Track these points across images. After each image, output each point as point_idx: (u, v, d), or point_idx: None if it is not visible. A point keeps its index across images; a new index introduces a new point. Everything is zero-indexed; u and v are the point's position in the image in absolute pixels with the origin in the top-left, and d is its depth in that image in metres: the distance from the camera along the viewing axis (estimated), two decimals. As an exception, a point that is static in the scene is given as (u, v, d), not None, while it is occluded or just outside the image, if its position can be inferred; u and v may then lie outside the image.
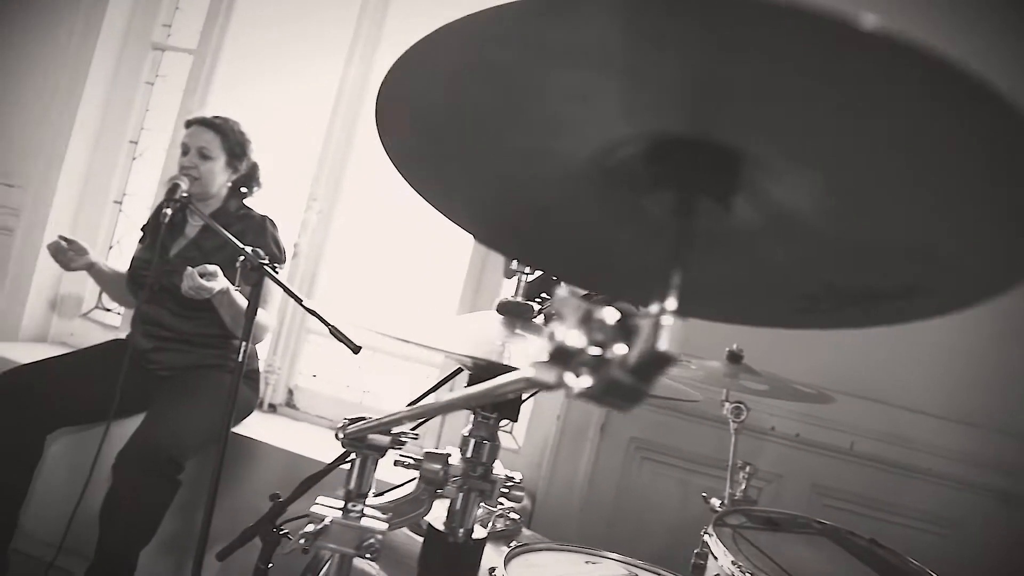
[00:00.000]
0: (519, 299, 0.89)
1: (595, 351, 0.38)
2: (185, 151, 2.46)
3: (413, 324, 0.97)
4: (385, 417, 0.75)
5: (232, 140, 2.49)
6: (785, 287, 0.51)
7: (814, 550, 1.75)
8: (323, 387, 3.08)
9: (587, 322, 0.38)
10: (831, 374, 2.43)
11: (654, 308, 0.37)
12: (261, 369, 2.76)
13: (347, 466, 1.84)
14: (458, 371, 1.74)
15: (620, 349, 0.38)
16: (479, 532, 0.86)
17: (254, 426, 2.65)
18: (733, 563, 1.53)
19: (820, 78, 0.34)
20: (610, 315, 0.38)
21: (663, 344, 0.36)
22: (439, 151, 0.45)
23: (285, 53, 3.34)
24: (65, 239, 2.40)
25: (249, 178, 2.60)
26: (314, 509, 0.80)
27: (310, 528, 0.77)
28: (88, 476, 2.21)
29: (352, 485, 0.82)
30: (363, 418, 0.82)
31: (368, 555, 0.79)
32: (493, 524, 1.65)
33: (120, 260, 3.40)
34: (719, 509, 1.93)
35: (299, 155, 3.15)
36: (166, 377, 2.41)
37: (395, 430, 0.80)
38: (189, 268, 2.13)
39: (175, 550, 2.52)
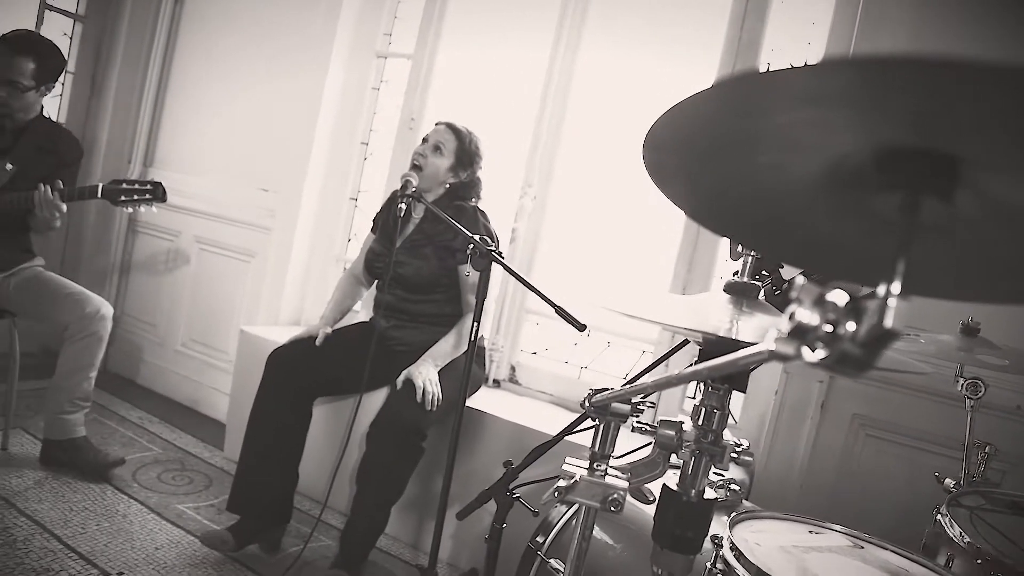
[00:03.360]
0: (745, 279, 0.95)
1: (828, 328, 0.46)
2: (423, 141, 2.71)
3: (640, 302, 1.07)
4: (628, 387, 0.85)
5: (465, 146, 2.69)
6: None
7: (1068, 538, 1.63)
8: (543, 364, 3.27)
9: (821, 303, 0.46)
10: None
11: (881, 290, 0.44)
12: (486, 348, 2.98)
13: (572, 436, 1.99)
14: (682, 344, 1.80)
15: (850, 326, 0.45)
16: (709, 493, 0.94)
17: (483, 400, 2.88)
18: (969, 544, 1.48)
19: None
20: (841, 297, 0.46)
21: (889, 321, 0.43)
22: (696, 169, 0.54)
23: (493, 50, 3.54)
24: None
25: (468, 188, 2.75)
26: (565, 468, 0.93)
27: (562, 483, 0.89)
28: (345, 442, 2.53)
29: (597, 448, 0.94)
30: (607, 389, 0.93)
31: (612, 508, 0.90)
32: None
33: (356, 251, 3.81)
34: (953, 490, 1.86)
35: (512, 144, 3.33)
36: (405, 352, 2.67)
37: (635, 399, 0.91)
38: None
39: (417, 509, 2.82)
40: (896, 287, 0.44)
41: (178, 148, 4.27)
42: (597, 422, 0.94)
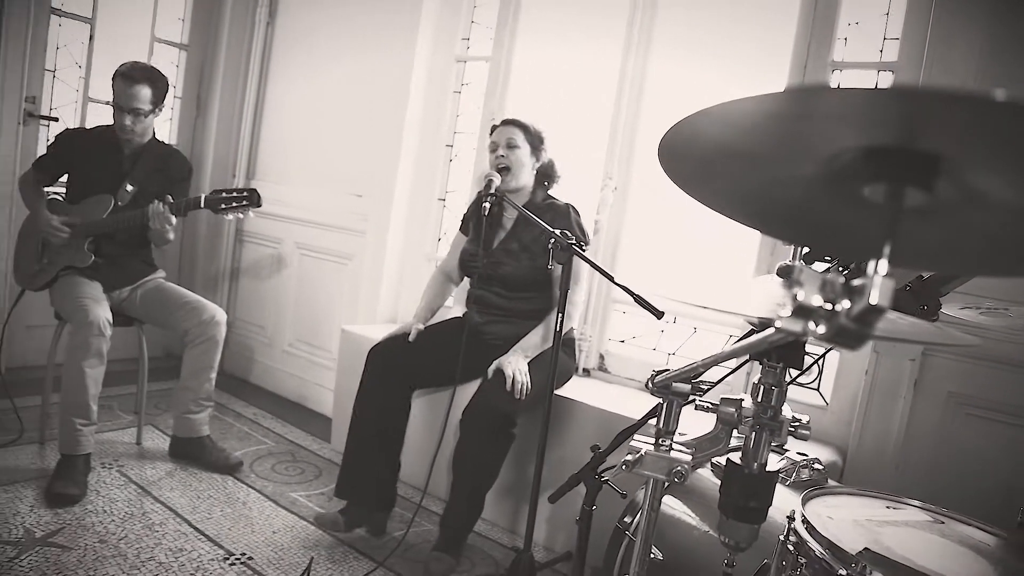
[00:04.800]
0: (796, 263, 1.00)
1: (827, 306, 0.53)
2: (494, 148, 2.81)
3: (706, 289, 1.13)
4: (683, 368, 0.92)
5: (532, 133, 2.81)
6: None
7: None
8: (631, 351, 3.32)
9: (821, 285, 0.53)
10: None
11: (869, 270, 0.51)
12: (575, 338, 3.07)
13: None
14: (752, 331, 1.84)
15: (845, 304, 0.52)
16: (772, 465, 1.00)
17: (572, 388, 2.96)
18: (1065, 519, 1.46)
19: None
20: (837, 279, 0.52)
21: (875, 298, 0.50)
22: (707, 173, 0.61)
23: (567, 49, 3.59)
24: None
25: (549, 169, 2.89)
26: (632, 443, 1.01)
27: (630, 457, 0.97)
28: (442, 432, 2.67)
29: (661, 424, 1.01)
30: (667, 370, 1.00)
31: (676, 479, 0.97)
32: (798, 474, 1.75)
33: (446, 249, 3.95)
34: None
35: (591, 138, 3.39)
36: (498, 346, 2.79)
37: (695, 379, 0.98)
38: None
39: (512, 494, 2.93)
40: (883, 266, 0.51)
41: (277, 160, 4.54)
42: (660, 401, 1.01)
